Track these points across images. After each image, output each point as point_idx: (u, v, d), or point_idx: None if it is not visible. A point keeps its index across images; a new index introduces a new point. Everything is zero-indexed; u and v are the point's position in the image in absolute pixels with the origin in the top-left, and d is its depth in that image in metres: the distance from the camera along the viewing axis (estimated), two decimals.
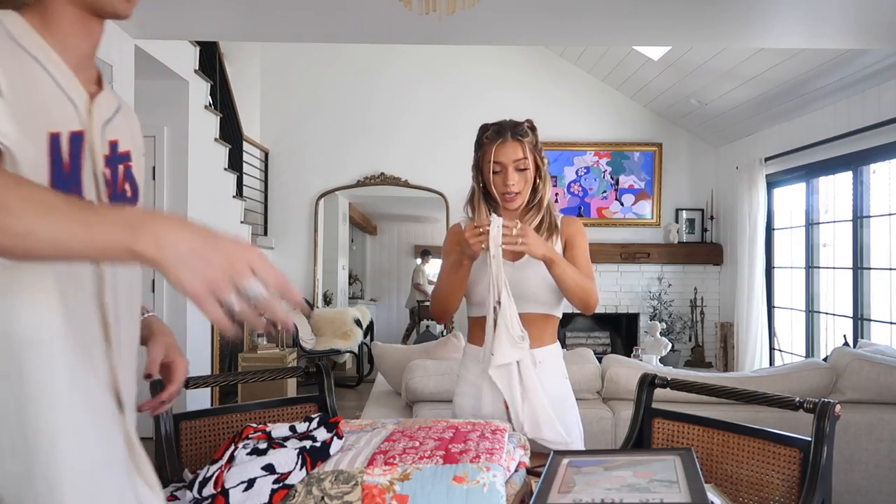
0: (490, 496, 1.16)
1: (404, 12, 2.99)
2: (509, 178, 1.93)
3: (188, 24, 3.92)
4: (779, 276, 6.03)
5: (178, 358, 1.29)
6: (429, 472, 1.20)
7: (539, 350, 1.90)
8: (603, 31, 4.07)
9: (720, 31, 3.95)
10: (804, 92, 5.00)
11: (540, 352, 1.91)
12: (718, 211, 6.85)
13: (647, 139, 6.91)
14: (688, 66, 5.52)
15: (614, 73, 6.52)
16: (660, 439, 1.77)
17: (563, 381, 1.96)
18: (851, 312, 4.81)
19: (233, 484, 1.22)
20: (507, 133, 1.94)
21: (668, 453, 1.40)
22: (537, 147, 1.98)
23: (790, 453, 1.53)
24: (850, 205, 4.82)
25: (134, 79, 4.01)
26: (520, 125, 1.97)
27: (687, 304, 6.87)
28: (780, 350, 5.97)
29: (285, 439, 1.35)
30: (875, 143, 4.47)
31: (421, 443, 1.36)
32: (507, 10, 3.56)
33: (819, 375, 3.02)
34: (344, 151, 7.06)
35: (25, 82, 0.99)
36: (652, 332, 5.60)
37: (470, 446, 1.32)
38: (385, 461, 1.25)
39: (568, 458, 1.43)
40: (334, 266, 7.67)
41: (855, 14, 3.57)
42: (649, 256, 6.76)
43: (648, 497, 1.15)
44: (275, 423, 1.40)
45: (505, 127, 1.96)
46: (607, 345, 6.99)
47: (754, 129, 6.09)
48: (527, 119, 2.00)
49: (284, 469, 1.23)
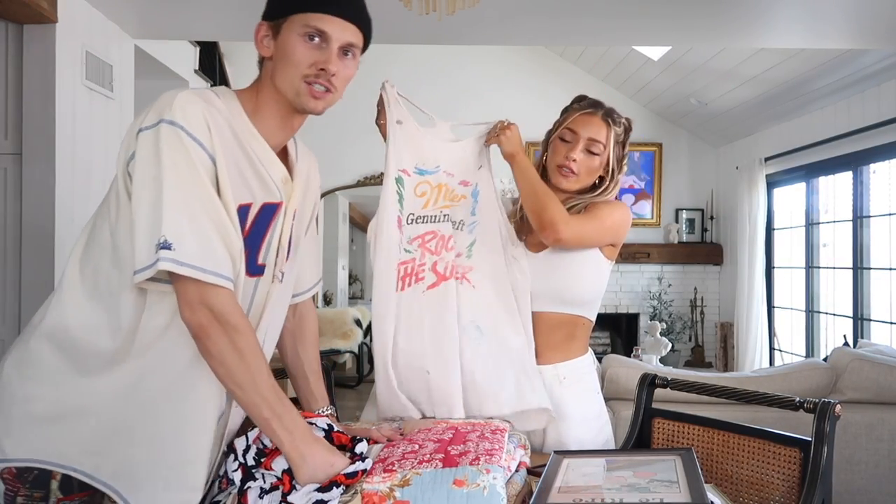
0: (490, 499, 1.16)
1: (404, 12, 2.99)
2: (574, 152, 1.74)
3: (188, 24, 3.92)
4: (779, 276, 6.03)
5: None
6: (428, 477, 1.19)
7: (565, 364, 1.77)
8: (603, 31, 4.07)
9: (720, 31, 3.95)
10: (804, 92, 5.00)
11: (565, 366, 1.77)
12: (718, 211, 6.85)
13: (646, 139, 6.91)
14: (688, 66, 5.52)
15: (614, 73, 6.52)
16: (660, 439, 1.77)
17: (594, 398, 1.81)
18: (851, 312, 4.81)
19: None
20: (597, 108, 1.76)
21: (668, 453, 1.40)
22: (622, 145, 1.79)
23: (790, 453, 1.53)
24: (850, 205, 4.82)
25: (134, 79, 4.02)
26: (614, 112, 1.78)
27: (687, 304, 6.87)
28: (780, 350, 5.97)
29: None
30: (875, 143, 4.47)
31: (420, 445, 1.35)
32: (507, 10, 3.56)
33: (819, 375, 3.02)
34: (344, 151, 7.05)
35: (228, 157, 1.22)
36: (652, 332, 5.60)
37: (469, 448, 1.31)
38: (384, 468, 1.24)
39: (568, 458, 1.43)
40: (334, 266, 7.67)
41: (855, 14, 3.56)
42: (649, 256, 6.76)
43: (648, 497, 1.15)
44: (311, 417, 1.36)
45: (600, 104, 1.77)
46: (607, 345, 7.00)
47: (754, 129, 6.09)
48: (627, 117, 1.82)
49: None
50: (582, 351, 1.82)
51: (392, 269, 1.69)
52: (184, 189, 1.14)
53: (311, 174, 1.45)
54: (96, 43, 3.56)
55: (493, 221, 1.77)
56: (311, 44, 1.24)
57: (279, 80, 1.26)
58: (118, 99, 3.80)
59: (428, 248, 1.73)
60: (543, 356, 1.77)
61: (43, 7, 3.07)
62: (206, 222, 1.15)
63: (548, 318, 1.77)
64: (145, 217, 1.14)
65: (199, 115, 1.17)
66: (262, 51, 1.28)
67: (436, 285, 1.71)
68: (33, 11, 3.05)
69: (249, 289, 1.29)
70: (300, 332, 1.55)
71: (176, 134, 1.15)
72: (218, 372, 1.19)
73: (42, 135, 3.21)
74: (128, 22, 3.77)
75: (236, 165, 1.23)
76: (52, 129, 3.21)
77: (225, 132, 1.22)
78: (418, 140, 1.74)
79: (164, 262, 1.11)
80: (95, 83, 3.55)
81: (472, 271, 1.74)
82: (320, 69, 1.25)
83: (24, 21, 3.17)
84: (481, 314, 1.72)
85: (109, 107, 3.72)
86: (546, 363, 1.77)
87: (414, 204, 1.73)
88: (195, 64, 5.02)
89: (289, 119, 1.32)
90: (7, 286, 3.22)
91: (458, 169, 1.77)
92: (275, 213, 1.29)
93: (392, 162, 1.71)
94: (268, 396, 1.19)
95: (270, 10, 1.29)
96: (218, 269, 1.16)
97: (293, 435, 1.19)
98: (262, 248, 1.29)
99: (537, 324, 1.77)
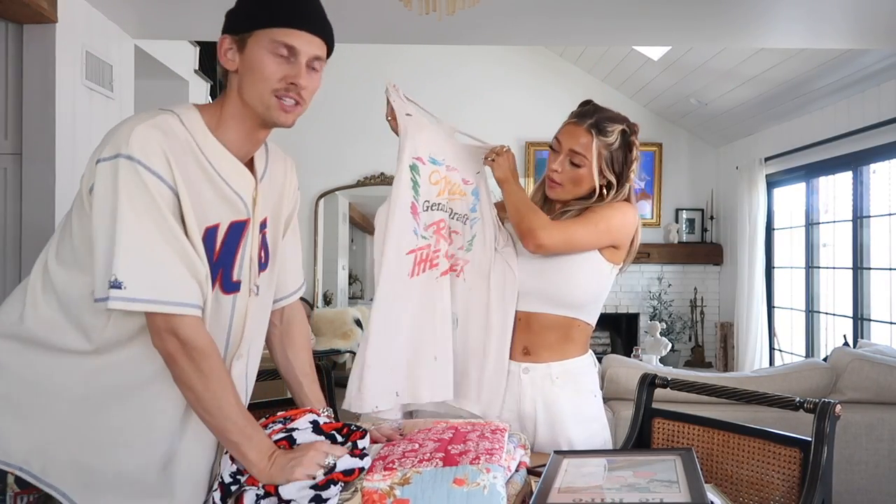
0: (491, 498, 1.16)
1: (404, 12, 2.99)
2: (555, 163, 1.74)
3: (188, 24, 3.92)
4: (779, 276, 6.03)
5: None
6: (428, 476, 1.20)
7: (559, 364, 1.76)
8: (603, 31, 4.07)
9: (720, 31, 3.95)
10: (804, 92, 5.00)
11: (559, 365, 1.77)
12: (718, 211, 6.85)
13: (647, 139, 6.90)
14: (688, 66, 5.52)
15: (614, 73, 6.52)
16: (660, 439, 1.77)
17: (590, 401, 1.79)
18: (851, 312, 4.81)
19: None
20: (583, 118, 1.73)
21: (668, 453, 1.40)
22: (622, 151, 1.73)
23: (790, 453, 1.53)
24: (850, 205, 4.82)
25: (134, 79, 4.01)
26: (606, 121, 1.72)
27: (687, 304, 6.87)
28: (780, 350, 5.97)
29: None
30: (875, 143, 4.47)
31: (420, 445, 1.36)
32: (507, 10, 3.56)
33: (819, 375, 3.02)
34: (344, 151, 7.05)
35: (190, 184, 1.22)
36: (652, 332, 5.60)
37: (469, 447, 1.31)
38: (384, 466, 1.24)
39: (568, 458, 1.43)
40: (334, 266, 7.66)
41: (855, 14, 3.56)
42: (649, 256, 6.76)
43: (648, 497, 1.15)
44: (295, 416, 1.36)
45: (588, 112, 1.74)
46: (607, 345, 6.99)
47: (754, 129, 6.09)
48: (629, 122, 1.76)
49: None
50: (579, 352, 1.81)
51: (403, 255, 1.71)
52: (142, 224, 1.15)
53: (286, 177, 1.46)
54: (96, 43, 3.56)
55: (490, 221, 1.81)
56: (280, 58, 1.25)
57: (248, 95, 1.27)
58: (118, 99, 3.80)
59: (442, 234, 1.77)
60: (537, 355, 1.78)
61: (43, 7, 3.07)
62: (168, 254, 1.17)
63: (541, 318, 1.77)
64: (102, 251, 1.16)
65: (156, 148, 1.18)
66: (227, 64, 1.28)
67: (448, 272, 1.77)
68: (33, 11, 3.05)
69: (228, 306, 1.31)
70: (288, 336, 1.55)
71: (133, 169, 1.16)
72: (188, 397, 1.21)
73: (42, 135, 3.21)
74: (128, 22, 3.77)
75: (198, 190, 1.23)
76: (52, 129, 3.21)
77: (184, 158, 1.22)
78: (429, 131, 1.78)
79: (114, 302, 1.14)
80: (95, 83, 3.55)
81: (468, 264, 1.79)
82: (290, 83, 1.26)
83: (24, 21, 3.17)
84: (461, 306, 1.78)
85: (109, 107, 3.72)
86: (539, 362, 1.78)
87: (429, 191, 1.77)
88: (195, 64, 5.02)
89: (255, 132, 1.32)
90: (7, 286, 3.21)
91: (461, 166, 1.82)
92: (244, 229, 1.31)
93: (407, 149, 1.73)
94: (237, 420, 1.21)
95: (234, 24, 1.28)
96: (181, 298, 1.18)
97: (261, 455, 1.21)
98: (236, 266, 1.31)
99: (531, 323, 1.78)
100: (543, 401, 1.76)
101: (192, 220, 1.21)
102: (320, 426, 1.30)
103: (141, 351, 1.23)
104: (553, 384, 1.76)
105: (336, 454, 1.21)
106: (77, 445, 1.23)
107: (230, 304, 1.31)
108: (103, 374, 1.23)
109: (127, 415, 1.24)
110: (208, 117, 1.28)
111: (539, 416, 1.76)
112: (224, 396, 1.21)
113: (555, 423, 1.75)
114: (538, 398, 1.76)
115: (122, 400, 1.24)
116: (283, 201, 1.45)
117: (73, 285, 1.23)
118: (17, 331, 1.25)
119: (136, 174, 1.16)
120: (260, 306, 1.40)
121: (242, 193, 1.31)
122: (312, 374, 1.56)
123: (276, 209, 1.43)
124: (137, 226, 1.15)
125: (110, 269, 1.14)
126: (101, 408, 1.23)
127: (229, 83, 1.31)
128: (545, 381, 1.76)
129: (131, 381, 1.24)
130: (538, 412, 1.76)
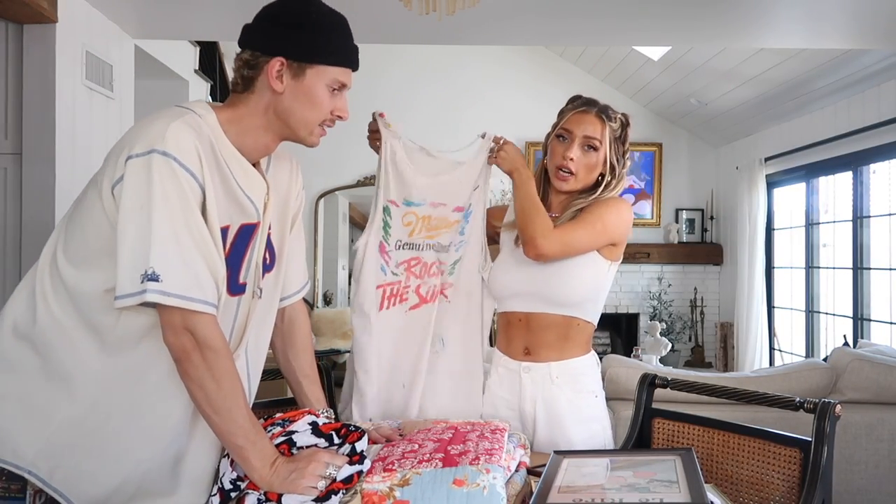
0: (490, 498, 1.16)
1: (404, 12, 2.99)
2: (570, 150, 1.74)
3: (188, 24, 3.92)
4: (779, 276, 6.03)
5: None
6: (428, 477, 1.20)
7: (558, 364, 1.77)
8: (603, 31, 4.07)
9: (720, 31, 3.95)
10: (804, 92, 5.00)
11: (559, 365, 1.77)
12: (718, 211, 6.85)
13: (646, 139, 6.90)
14: (688, 67, 5.52)
15: (614, 73, 6.52)
16: (660, 439, 1.77)
17: (591, 401, 1.80)
18: (851, 312, 4.81)
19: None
20: (592, 106, 1.77)
21: (668, 453, 1.40)
22: (621, 142, 1.79)
23: (790, 453, 1.53)
24: (850, 205, 4.82)
25: (134, 79, 4.01)
26: (611, 109, 1.78)
27: (687, 304, 6.87)
28: (780, 350, 5.97)
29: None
30: (875, 143, 4.47)
31: (420, 445, 1.36)
32: (507, 11, 3.56)
33: (819, 375, 3.02)
34: (344, 151, 7.02)
35: (215, 184, 1.24)
36: (652, 332, 5.60)
37: (469, 447, 1.31)
38: (384, 467, 1.24)
39: (568, 458, 1.43)
40: (334, 266, 7.66)
41: (855, 14, 3.56)
42: (649, 256, 6.76)
43: (648, 497, 1.15)
44: (294, 418, 1.36)
45: (594, 101, 1.79)
46: (607, 345, 6.99)
47: (754, 129, 6.09)
48: (624, 112, 1.82)
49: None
50: (580, 352, 1.81)
51: (372, 290, 1.83)
52: (174, 219, 1.16)
53: (291, 178, 1.49)
54: (96, 43, 3.56)
55: (478, 238, 1.86)
56: (333, 92, 1.33)
57: (293, 118, 1.31)
58: (118, 99, 3.80)
59: (413, 272, 1.86)
60: (538, 354, 1.79)
61: (43, 7, 3.07)
62: (195, 252, 1.18)
63: (540, 318, 1.78)
64: (131, 245, 1.15)
65: (190, 146, 1.20)
66: (274, 85, 1.29)
67: (417, 307, 1.85)
68: (33, 11, 3.05)
69: (232, 308, 1.32)
70: (290, 337, 1.57)
71: (168, 164, 1.17)
72: (196, 396, 1.21)
73: (42, 135, 3.21)
74: (128, 22, 3.77)
75: (216, 191, 1.25)
76: (52, 129, 3.21)
77: (211, 159, 1.24)
78: (408, 175, 1.84)
79: (151, 294, 1.14)
80: (95, 83, 3.55)
81: (451, 287, 1.86)
82: (337, 116, 1.35)
83: (24, 21, 3.17)
84: (447, 326, 1.85)
85: (109, 107, 3.72)
86: (540, 361, 1.79)
87: (401, 232, 1.86)
88: (195, 64, 5.01)
89: (273, 143, 1.37)
90: (7, 286, 3.21)
91: (452, 198, 1.86)
92: (253, 233, 1.33)
93: (381, 193, 1.83)
94: (243, 424, 1.21)
95: (292, 50, 1.29)
96: (203, 296, 1.18)
97: (264, 461, 1.21)
98: (243, 268, 1.32)
99: (530, 323, 1.79)
100: (543, 400, 1.76)
101: (214, 219, 1.23)
102: (319, 427, 1.30)
103: (149, 352, 1.23)
104: (553, 384, 1.76)
105: (337, 464, 1.21)
106: (85, 452, 1.22)
107: (235, 305, 1.33)
108: (113, 378, 1.23)
109: (136, 421, 1.24)
110: (224, 120, 1.30)
111: (539, 415, 1.76)
112: (234, 398, 1.21)
113: (554, 423, 1.75)
114: (538, 398, 1.77)
115: (131, 407, 1.24)
116: (289, 202, 1.47)
117: (85, 282, 1.23)
118: (30, 332, 1.24)
119: (171, 170, 1.17)
120: (264, 308, 1.41)
121: (254, 198, 1.33)
122: (313, 375, 1.57)
123: (282, 210, 1.44)
124: (172, 221, 1.16)
125: (143, 262, 1.14)
126: (111, 414, 1.23)
127: (258, 95, 1.31)
128: (545, 380, 1.77)
129: (141, 385, 1.24)
130: (538, 412, 1.76)
